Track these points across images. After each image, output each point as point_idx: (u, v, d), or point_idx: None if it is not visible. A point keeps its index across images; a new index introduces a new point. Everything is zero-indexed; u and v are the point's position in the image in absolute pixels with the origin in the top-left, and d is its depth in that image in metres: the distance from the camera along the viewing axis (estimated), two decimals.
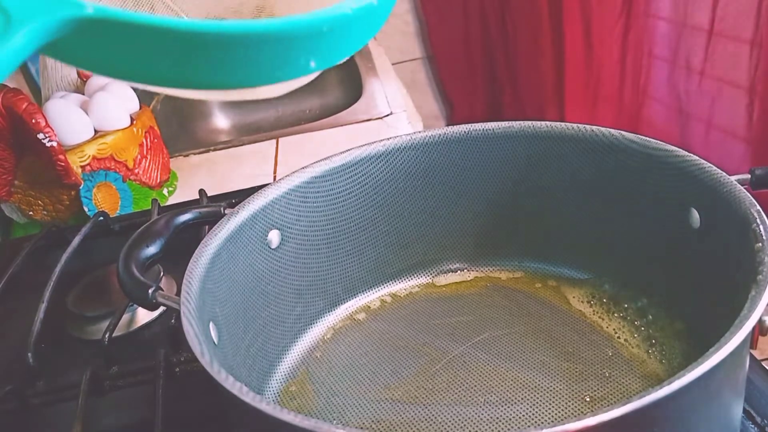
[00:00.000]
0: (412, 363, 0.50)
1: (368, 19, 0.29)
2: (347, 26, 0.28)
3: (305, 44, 0.27)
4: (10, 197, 0.83)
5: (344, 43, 0.29)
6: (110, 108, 0.87)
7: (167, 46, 0.25)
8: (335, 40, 0.28)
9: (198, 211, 0.51)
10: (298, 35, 0.26)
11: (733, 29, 1.43)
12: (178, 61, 0.26)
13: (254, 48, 0.26)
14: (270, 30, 0.26)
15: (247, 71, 0.27)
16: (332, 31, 0.27)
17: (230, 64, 0.26)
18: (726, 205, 0.41)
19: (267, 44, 0.26)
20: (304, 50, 0.27)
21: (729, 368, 0.33)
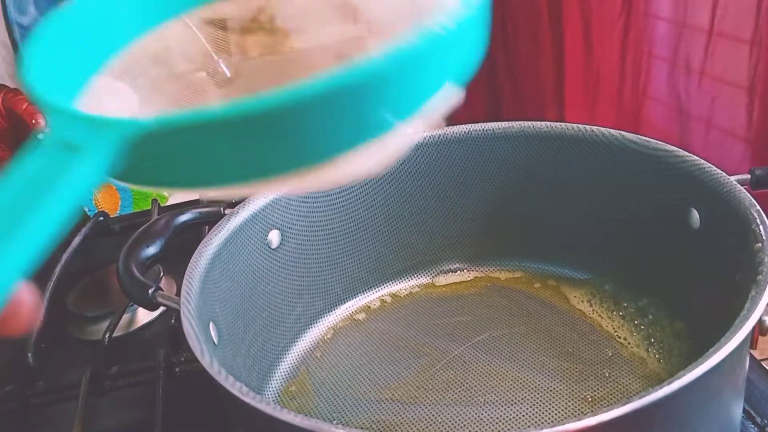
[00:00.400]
0: (412, 363, 0.50)
1: (440, 50, 0.25)
2: (415, 63, 0.24)
3: (371, 96, 0.23)
4: None
5: (419, 85, 0.25)
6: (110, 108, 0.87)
7: (235, 134, 0.23)
8: (406, 82, 0.24)
9: (198, 211, 0.51)
10: (357, 87, 0.22)
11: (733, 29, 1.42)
12: (243, 151, 0.23)
13: (318, 113, 0.23)
14: (320, 90, 0.22)
15: (316, 144, 0.24)
16: (400, 73, 0.23)
17: (298, 140, 0.23)
18: (726, 205, 0.41)
19: (330, 105, 0.22)
20: (374, 103, 0.23)
21: (729, 368, 0.33)
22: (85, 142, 0.22)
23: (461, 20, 0.25)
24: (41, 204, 0.21)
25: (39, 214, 0.21)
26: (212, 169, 0.24)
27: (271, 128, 0.23)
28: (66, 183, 0.21)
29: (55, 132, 0.23)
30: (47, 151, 0.22)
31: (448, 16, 0.24)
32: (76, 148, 0.22)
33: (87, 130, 0.22)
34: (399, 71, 0.23)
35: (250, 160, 0.24)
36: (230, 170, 0.24)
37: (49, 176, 0.21)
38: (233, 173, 0.24)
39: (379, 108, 0.24)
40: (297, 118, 0.23)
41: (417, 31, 0.23)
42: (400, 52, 0.23)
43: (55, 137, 0.23)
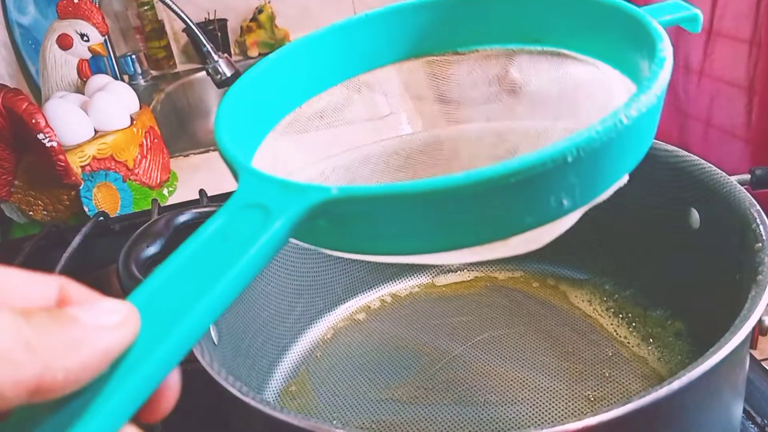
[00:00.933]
0: (412, 363, 0.50)
1: (622, 142, 0.25)
2: (597, 153, 0.23)
3: (549, 182, 0.23)
4: (10, 197, 0.83)
5: (598, 174, 0.25)
6: (110, 108, 0.87)
7: (410, 210, 0.24)
8: (585, 170, 0.24)
9: (198, 211, 0.51)
10: (534, 173, 0.23)
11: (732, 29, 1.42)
12: (418, 224, 0.24)
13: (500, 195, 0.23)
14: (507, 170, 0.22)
15: (493, 222, 0.24)
16: (580, 160, 0.23)
17: (481, 217, 0.24)
18: (726, 205, 0.41)
19: (514, 186, 0.23)
20: (552, 187, 0.24)
21: (729, 368, 0.33)
22: (277, 205, 0.23)
23: (647, 109, 0.25)
24: (236, 261, 0.22)
25: (233, 271, 0.22)
26: (392, 239, 0.25)
27: (455, 205, 0.24)
28: (259, 242, 0.22)
29: (248, 193, 0.24)
30: (241, 211, 0.24)
31: (635, 106, 0.24)
32: (268, 211, 0.23)
33: (280, 194, 0.24)
34: (592, 158, 0.24)
35: (431, 234, 0.25)
36: (413, 241, 0.25)
37: (243, 235, 0.23)
38: (414, 244, 0.25)
39: (564, 192, 0.24)
40: (487, 197, 0.23)
41: (610, 120, 0.23)
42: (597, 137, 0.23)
43: (248, 199, 0.24)
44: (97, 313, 0.19)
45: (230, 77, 1.18)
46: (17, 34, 1.12)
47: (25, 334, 0.17)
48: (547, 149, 0.23)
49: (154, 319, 0.20)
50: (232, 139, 0.29)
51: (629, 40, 0.31)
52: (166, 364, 0.20)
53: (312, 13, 1.64)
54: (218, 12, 1.54)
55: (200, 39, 1.13)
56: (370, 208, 0.24)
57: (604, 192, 0.27)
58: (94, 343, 0.18)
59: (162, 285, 0.22)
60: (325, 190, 0.24)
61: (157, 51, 1.49)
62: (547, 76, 0.36)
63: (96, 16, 0.93)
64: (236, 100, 0.32)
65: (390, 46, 0.38)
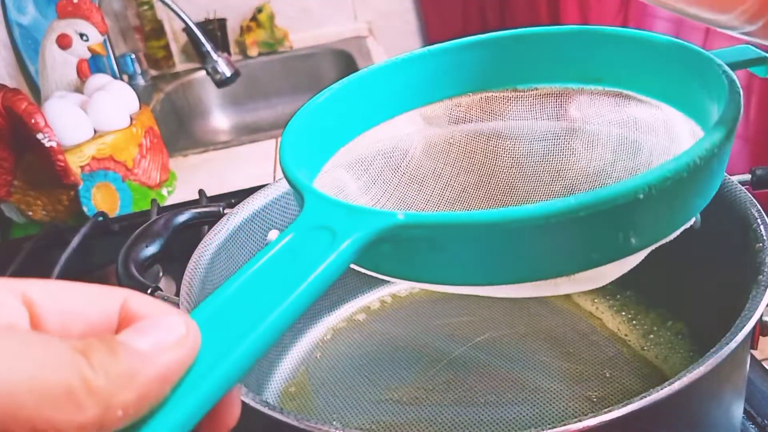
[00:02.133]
0: (412, 364, 0.50)
1: (694, 182, 0.25)
2: (667, 191, 0.23)
3: (621, 217, 0.23)
4: (9, 197, 0.83)
5: (667, 213, 0.25)
6: (110, 108, 0.87)
7: (475, 240, 0.24)
8: (655, 209, 0.24)
9: (197, 212, 0.51)
10: (610, 205, 0.23)
11: None
12: (482, 255, 0.25)
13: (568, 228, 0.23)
14: (578, 204, 0.22)
15: (560, 255, 0.24)
16: (651, 198, 0.23)
17: (548, 250, 0.24)
18: (726, 205, 0.41)
19: (581, 220, 0.23)
20: (620, 224, 0.24)
21: (729, 368, 0.33)
22: (344, 228, 0.24)
23: (719, 150, 0.25)
24: (302, 281, 0.22)
25: (298, 291, 0.22)
26: (455, 269, 0.26)
27: (520, 237, 0.24)
28: (324, 263, 0.23)
29: (315, 215, 0.25)
30: (309, 232, 0.24)
31: (708, 147, 0.24)
32: (335, 233, 0.24)
33: (347, 218, 0.24)
34: (660, 200, 0.24)
35: (493, 266, 0.25)
36: (476, 272, 0.25)
37: (310, 256, 0.23)
38: (477, 275, 0.26)
39: (633, 229, 0.24)
40: (556, 230, 0.23)
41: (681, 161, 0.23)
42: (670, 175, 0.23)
43: (315, 221, 0.25)
44: (154, 334, 0.19)
45: (230, 77, 1.18)
46: (17, 34, 1.12)
47: (87, 375, 0.17)
48: (618, 185, 0.23)
49: (217, 336, 0.20)
50: (295, 163, 0.30)
51: (695, 81, 0.31)
52: (227, 383, 0.20)
53: (312, 13, 1.64)
54: (218, 11, 1.54)
55: (200, 38, 1.13)
56: (435, 235, 0.24)
57: (672, 232, 0.27)
58: (151, 371, 0.18)
59: (227, 301, 0.22)
60: (391, 216, 0.24)
61: (157, 51, 1.49)
62: (608, 116, 0.36)
63: (95, 15, 0.93)
64: (299, 126, 0.33)
65: (450, 81, 0.39)
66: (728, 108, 0.26)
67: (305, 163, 0.33)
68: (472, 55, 0.38)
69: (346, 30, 1.62)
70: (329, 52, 1.51)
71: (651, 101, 0.35)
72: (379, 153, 0.38)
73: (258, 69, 1.49)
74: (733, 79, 0.28)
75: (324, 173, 0.35)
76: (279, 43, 1.52)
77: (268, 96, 1.50)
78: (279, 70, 1.50)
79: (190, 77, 1.45)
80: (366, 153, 0.37)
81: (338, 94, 0.36)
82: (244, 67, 1.35)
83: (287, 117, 0.33)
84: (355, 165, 0.37)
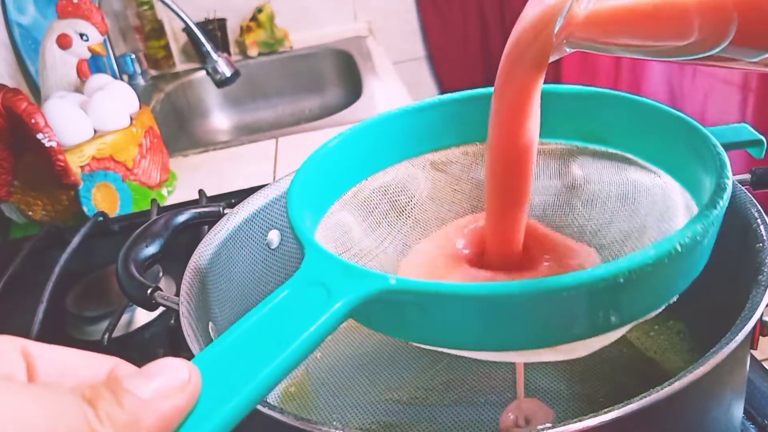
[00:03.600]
0: (413, 364, 0.49)
1: (674, 267, 0.26)
2: (648, 276, 0.24)
3: (601, 298, 0.24)
4: (9, 197, 0.83)
5: (648, 295, 0.26)
6: (110, 108, 0.87)
7: (460, 310, 0.25)
8: (636, 291, 0.25)
9: (197, 211, 0.51)
10: (589, 289, 0.24)
11: None
12: (466, 323, 0.26)
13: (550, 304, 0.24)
14: (564, 284, 0.23)
15: (542, 329, 0.25)
16: (631, 282, 0.24)
17: (529, 324, 0.25)
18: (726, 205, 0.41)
19: (565, 298, 0.24)
20: (601, 305, 0.25)
21: (729, 368, 0.33)
22: (338, 287, 0.25)
23: (702, 238, 0.26)
24: (297, 336, 0.23)
25: (293, 345, 0.23)
26: (441, 333, 0.27)
27: (505, 311, 0.25)
28: (319, 321, 0.24)
29: (312, 271, 0.26)
30: (305, 288, 0.25)
31: (691, 234, 0.25)
32: (330, 291, 0.25)
33: (342, 277, 0.26)
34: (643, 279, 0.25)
35: (477, 333, 0.26)
36: (461, 337, 0.27)
37: (305, 312, 0.24)
38: (462, 340, 0.27)
39: (613, 309, 0.25)
40: (537, 307, 0.24)
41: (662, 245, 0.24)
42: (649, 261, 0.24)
43: (312, 276, 0.26)
44: (159, 379, 0.20)
45: (230, 77, 1.18)
46: (17, 34, 1.12)
47: (93, 423, 0.18)
48: (599, 268, 0.24)
49: (216, 384, 0.21)
50: (300, 212, 0.31)
51: (692, 154, 0.32)
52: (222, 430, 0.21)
53: (312, 13, 1.64)
54: (218, 11, 1.54)
55: (200, 38, 1.13)
56: (423, 301, 0.25)
57: (652, 312, 0.28)
58: (153, 417, 0.19)
59: (225, 352, 0.23)
60: (384, 279, 0.25)
61: (157, 51, 1.49)
62: (608, 177, 0.37)
63: (95, 15, 0.93)
64: (308, 174, 0.34)
65: (459, 130, 0.40)
66: (717, 194, 0.27)
67: (312, 205, 0.34)
68: (481, 105, 0.38)
69: (346, 30, 1.62)
70: (329, 52, 1.51)
71: (651, 167, 0.36)
72: (386, 196, 0.39)
73: (258, 69, 1.49)
74: (725, 161, 0.29)
75: (331, 214, 0.36)
76: (279, 43, 1.52)
77: (268, 96, 1.50)
78: (279, 70, 1.50)
79: (190, 77, 1.45)
80: (372, 195, 0.38)
81: (348, 140, 0.37)
82: (244, 67, 1.35)
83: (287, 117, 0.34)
84: (361, 207, 0.37)
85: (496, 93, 0.30)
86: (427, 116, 0.39)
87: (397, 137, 0.39)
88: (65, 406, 0.18)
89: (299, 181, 0.34)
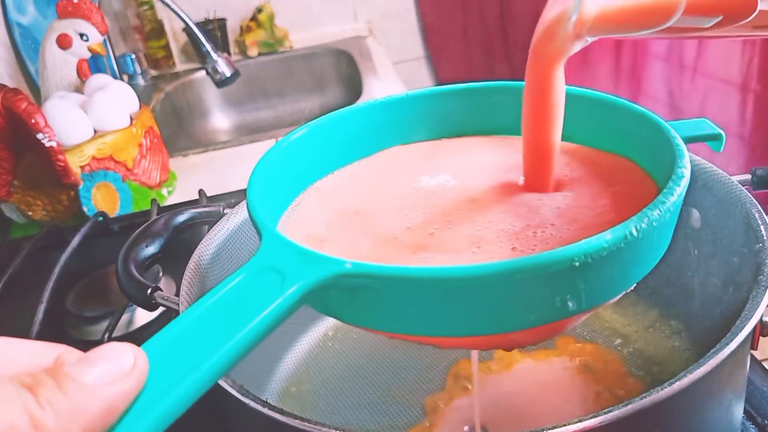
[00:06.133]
0: (413, 364, 0.50)
1: (631, 253, 0.25)
2: (605, 260, 0.24)
3: (557, 281, 0.24)
4: (9, 197, 0.83)
5: (605, 281, 0.26)
6: (110, 108, 0.87)
7: (416, 294, 0.25)
8: (592, 276, 0.25)
9: (197, 211, 0.51)
10: (546, 271, 0.24)
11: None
12: (422, 308, 0.25)
13: (505, 287, 0.24)
14: (519, 266, 0.23)
15: (497, 314, 0.25)
16: (587, 266, 0.24)
17: (485, 309, 0.25)
18: (726, 205, 0.41)
19: (518, 282, 0.24)
20: (558, 288, 0.25)
21: (730, 369, 0.33)
22: (293, 272, 0.25)
23: (658, 224, 0.26)
24: (249, 322, 0.23)
25: (244, 331, 0.22)
26: (397, 319, 0.26)
27: (460, 294, 0.24)
28: (271, 306, 0.23)
29: (267, 256, 0.26)
30: (259, 274, 0.25)
31: (646, 220, 0.25)
32: (284, 276, 0.24)
33: (297, 262, 0.25)
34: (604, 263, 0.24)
35: (434, 319, 0.26)
36: (416, 323, 0.26)
37: (258, 297, 0.24)
38: (417, 327, 0.26)
39: (570, 294, 0.25)
40: (493, 290, 0.24)
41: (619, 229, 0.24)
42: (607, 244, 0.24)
43: (267, 261, 0.25)
44: (102, 365, 0.19)
45: (230, 77, 1.18)
46: (17, 34, 1.12)
47: (33, 411, 0.17)
48: (555, 251, 0.24)
49: (164, 370, 0.21)
50: (260, 201, 0.31)
51: (654, 147, 0.32)
52: (169, 417, 0.20)
53: (312, 13, 1.64)
54: (218, 11, 1.54)
55: (200, 38, 1.13)
56: (379, 285, 0.25)
57: (609, 299, 0.28)
58: (97, 404, 0.18)
59: (175, 337, 0.22)
60: (339, 264, 0.25)
61: (157, 51, 1.49)
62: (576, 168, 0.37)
63: (95, 15, 0.93)
64: (270, 163, 0.34)
65: (425, 125, 0.40)
66: (673, 181, 0.27)
67: (275, 196, 0.34)
68: (450, 102, 0.40)
69: (346, 30, 1.62)
70: (329, 52, 1.51)
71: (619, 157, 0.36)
72: (352, 186, 0.38)
73: (258, 69, 1.49)
74: (683, 152, 0.30)
75: (295, 206, 0.35)
76: (279, 43, 1.52)
77: (268, 96, 1.50)
78: (279, 70, 1.50)
79: (190, 77, 1.45)
80: (338, 186, 0.37)
81: (312, 132, 0.37)
82: (244, 67, 1.35)
83: (287, 117, 0.33)
84: (325, 197, 0.37)
85: (527, 69, 0.33)
86: (393, 110, 0.39)
87: (363, 130, 0.39)
88: (2, 394, 0.17)
89: (261, 169, 0.33)
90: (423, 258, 0.29)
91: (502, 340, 0.29)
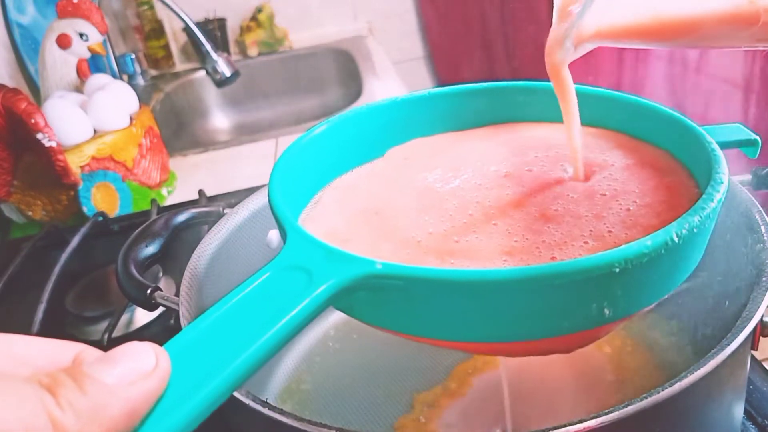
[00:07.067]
0: (413, 364, 0.49)
1: (670, 259, 0.25)
2: (644, 267, 0.24)
3: (594, 288, 0.24)
4: (9, 197, 0.83)
5: (643, 287, 0.25)
6: (109, 108, 0.87)
7: (448, 296, 0.24)
8: (630, 282, 0.24)
9: (197, 211, 0.51)
10: (583, 277, 0.23)
11: None
12: (453, 311, 0.25)
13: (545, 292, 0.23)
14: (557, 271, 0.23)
15: (531, 320, 0.24)
16: (626, 272, 0.23)
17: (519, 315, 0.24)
18: (726, 206, 0.41)
19: (556, 287, 0.23)
20: (594, 295, 0.24)
21: (730, 369, 0.33)
22: (321, 271, 0.24)
23: (698, 230, 0.25)
24: (275, 322, 0.22)
25: (271, 332, 0.22)
26: (427, 322, 0.26)
27: (494, 298, 0.24)
28: (299, 306, 0.23)
29: (294, 254, 0.25)
30: (285, 272, 0.24)
31: (687, 226, 0.25)
32: (312, 276, 0.24)
33: (325, 261, 0.24)
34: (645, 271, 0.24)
35: (464, 323, 0.25)
36: (446, 327, 0.25)
37: (285, 297, 0.23)
38: (447, 331, 0.26)
39: (606, 301, 0.24)
40: (528, 296, 0.23)
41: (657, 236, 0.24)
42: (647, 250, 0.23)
43: (293, 260, 0.25)
44: (122, 364, 0.19)
45: (229, 77, 1.18)
46: (16, 34, 1.12)
47: (53, 412, 0.17)
48: (594, 256, 0.23)
49: (187, 371, 0.20)
50: (283, 198, 0.30)
51: (691, 153, 0.33)
52: (194, 420, 0.20)
53: (312, 13, 1.64)
54: (218, 11, 1.54)
55: (199, 38, 1.13)
56: (410, 287, 0.24)
57: (645, 306, 0.27)
58: (118, 405, 0.18)
59: (199, 337, 0.22)
60: (369, 264, 0.24)
61: (157, 50, 1.49)
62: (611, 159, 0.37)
63: (95, 15, 0.93)
64: (290, 159, 0.34)
65: (446, 123, 0.40)
66: (712, 187, 0.27)
67: (295, 193, 0.33)
68: (475, 99, 0.39)
69: (346, 30, 1.62)
70: (329, 52, 1.51)
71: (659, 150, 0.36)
72: (373, 183, 0.37)
73: (258, 69, 1.49)
74: (720, 158, 0.29)
75: (314, 203, 0.35)
76: (279, 43, 1.52)
77: (268, 96, 1.50)
78: (279, 70, 1.50)
79: (190, 77, 1.45)
80: (359, 183, 0.37)
81: (334, 128, 0.36)
82: (244, 67, 1.35)
83: (287, 117, 0.33)
84: (347, 193, 0.36)
85: None
86: (415, 107, 0.39)
87: (384, 127, 0.38)
88: (19, 394, 0.16)
89: (282, 165, 0.33)
90: (450, 263, 0.29)
91: (532, 348, 0.28)
